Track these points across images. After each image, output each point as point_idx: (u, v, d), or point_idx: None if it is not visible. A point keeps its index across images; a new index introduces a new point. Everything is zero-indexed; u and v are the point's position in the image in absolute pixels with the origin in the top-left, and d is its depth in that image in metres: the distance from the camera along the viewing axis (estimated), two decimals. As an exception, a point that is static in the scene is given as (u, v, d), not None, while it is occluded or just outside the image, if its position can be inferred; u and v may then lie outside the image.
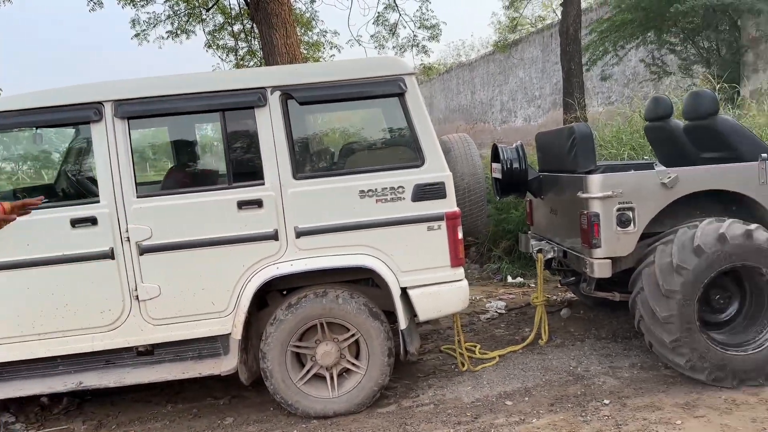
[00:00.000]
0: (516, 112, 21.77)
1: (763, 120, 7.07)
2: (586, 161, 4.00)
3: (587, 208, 3.76)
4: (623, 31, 11.15)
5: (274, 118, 3.49)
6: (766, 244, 3.46)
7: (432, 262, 3.58)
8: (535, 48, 19.91)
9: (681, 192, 3.68)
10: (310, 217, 3.47)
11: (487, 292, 6.15)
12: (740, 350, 3.53)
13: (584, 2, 15.26)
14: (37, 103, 3.43)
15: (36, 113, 3.44)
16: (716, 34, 10.50)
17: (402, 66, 3.61)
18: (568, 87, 9.88)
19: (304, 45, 10.28)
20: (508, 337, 4.76)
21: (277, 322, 3.49)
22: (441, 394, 3.75)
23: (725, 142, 4.01)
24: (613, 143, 6.87)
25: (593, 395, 3.56)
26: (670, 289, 3.45)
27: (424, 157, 3.58)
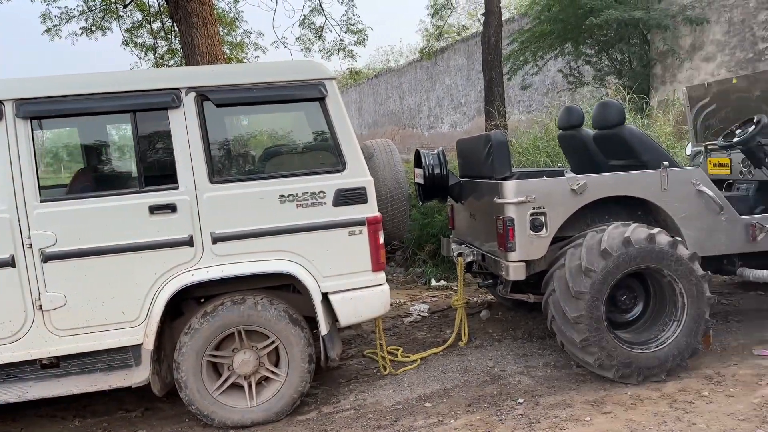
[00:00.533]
0: (443, 118, 22.18)
1: (669, 129, 7.54)
2: (501, 168, 4.12)
3: (503, 213, 3.87)
4: (542, 42, 11.62)
5: (188, 120, 3.39)
6: (667, 247, 3.67)
7: (353, 267, 3.58)
8: (461, 56, 20.37)
9: (589, 198, 3.86)
10: (227, 222, 3.39)
11: (411, 296, 6.22)
12: (644, 348, 3.73)
13: (506, 13, 15.79)
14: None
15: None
16: (628, 47, 11.10)
17: (322, 70, 3.60)
18: (490, 95, 10.16)
19: (227, 45, 10.06)
20: (430, 339, 4.83)
21: (192, 331, 3.38)
22: (362, 399, 3.76)
23: (631, 151, 4.24)
24: (530, 150, 7.12)
25: (509, 394, 3.66)
26: (579, 291, 3.61)
27: (346, 161, 3.58)
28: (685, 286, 3.70)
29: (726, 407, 3.31)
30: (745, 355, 4.04)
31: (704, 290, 3.72)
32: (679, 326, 3.74)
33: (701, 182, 3.93)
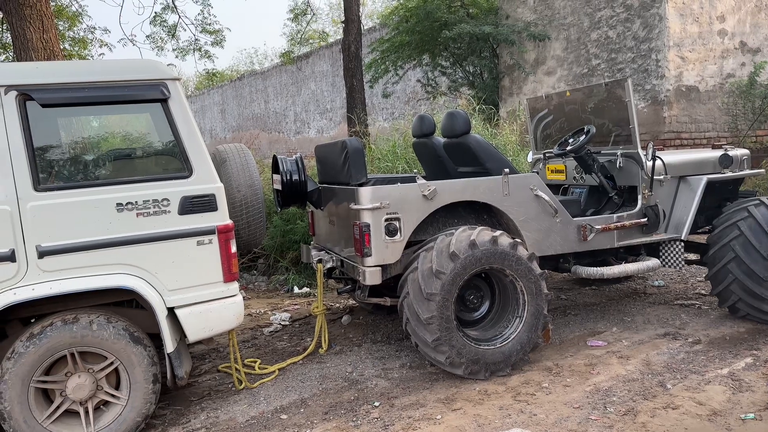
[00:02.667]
0: (309, 123, 22.14)
1: (515, 138, 8.07)
2: (357, 174, 4.16)
3: (359, 218, 3.90)
4: (402, 52, 11.99)
5: (8, 121, 3.05)
6: (508, 249, 3.90)
7: (202, 279, 3.42)
8: (325, 62, 20.47)
9: (440, 203, 4.01)
10: (56, 234, 3.08)
11: (273, 304, 6.09)
12: (491, 344, 3.94)
13: (369, 22, 16.11)
14: None
15: None
16: (479, 60, 11.79)
17: (164, 70, 3.40)
18: (352, 102, 10.29)
19: (68, 41, 9.26)
20: (290, 348, 4.75)
21: (15, 356, 3.03)
22: (214, 417, 3.60)
23: (476, 158, 4.47)
24: (390, 157, 7.29)
25: (365, 399, 3.69)
26: (430, 292, 3.73)
27: (192, 167, 3.41)
28: (525, 285, 3.96)
29: (563, 396, 3.58)
30: (580, 346, 4.40)
31: (542, 288, 4.00)
32: (521, 322, 3.99)
33: (538, 188, 4.23)
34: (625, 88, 4.56)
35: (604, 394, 3.57)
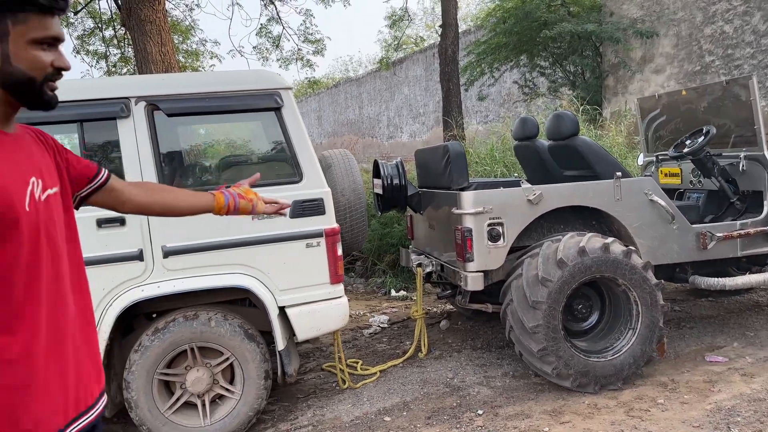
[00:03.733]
0: (402, 128, 22.30)
1: (622, 140, 7.72)
2: (459, 178, 4.13)
3: (461, 223, 3.87)
4: (498, 53, 11.80)
5: (138, 129, 3.28)
6: (621, 257, 3.73)
7: (311, 280, 3.52)
8: (419, 67, 20.55)
9: (545, 208, 3.90)
10: (179, 235, 3.28)
11: (371, 307, 6.17)
12: (601, 356, 3.77)
13: (463, 25, 16.00)
14: None
15: None
16: (581, 59, 11.38)
17: (278, 80, 3.54)
18: (447, 106, 10.24)
19: (182, 54, 9.88)
20: (390, 351, 4.79)
21: (142, 349, 3.26)
22: (320, 415, 3.68)
23: (584, 161, 4.31)
24: (488, 160, 7.19)
25: (468, 406, 3.65)
26: (536, 300, 3.62)
27: (302, 172, 3.52)
28: (639, 295, 3.77)
29: (680, 414, 3.36)
30: (698, 361, 4.13)
31: (658, 298, 3.78)
32: (634, 334, 3.79)
33: (653, 192, 4.01)
34: (750, 86, 4.23)
35: (726, 413, 3.33)
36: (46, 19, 1.27)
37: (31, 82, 1.28)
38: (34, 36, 1.26)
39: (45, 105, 1.33)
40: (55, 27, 1.29)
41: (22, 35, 1.25)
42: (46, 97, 1.32)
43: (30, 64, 1.27)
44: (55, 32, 1.30)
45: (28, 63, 1.27)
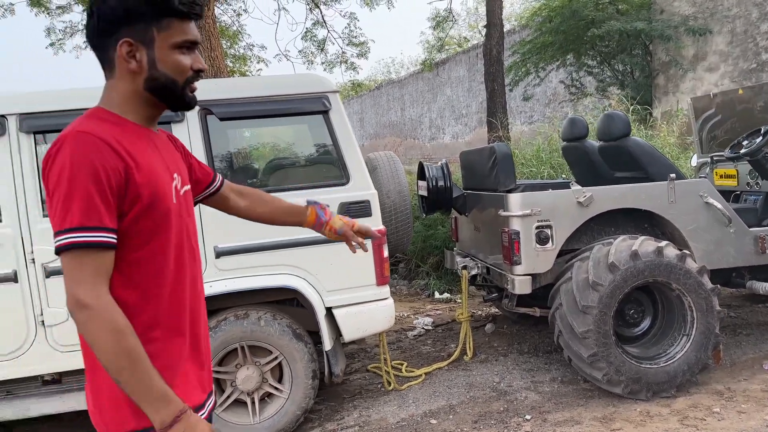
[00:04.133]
0: (444, 129, 22.20)
1: (673, 140, 7.51)
2: (506, 180, 4.08)
3: (508, 226, 3.83)
4: (544, 53, 11.63)
5: (192, 132, 3.37)
6: (675, 261, 3.62)
7: (357, 281, 3.54)
8: (462, 67, 20.43)
9: (596, 210, 3.82)
10: (230, 236, 3.35)
11: (415, 309, 6.17)
12: (653, 363, 3.68)
13: (508, 24, 15.83)
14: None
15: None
16: (630, 58, 11.11)
17: (326, 84, 3.58)
18: (492, 107, 10.15)
19: (229, 58, 10.08)
20: (434, 353, 4.78)
21: (196, 346, 3.34)
22: (366, 416, 3.70)
23: (636, 163, 4.21)
24: (534, 162, 7.09)
25: (515, 411, 3.61)
26: (586, 305, 3.56)
27: (349, 174, 3.55)
28: (694, 300, 3.66)
29: (738, 424, 3.25)
30: (755, 369, 3.98)
31: (714, 304, 3.67)
32: (688, 341, 3.69)
33: (709, 194, 3.89)
34: (813, 83, 4.06)
35: (788, 425, 3.20)
36: (184, 24, 1.35)
37: (174, 85, 1.36)
38: (175, 41, 1.34)
39: (187, 106, 1.41)
40: (193, 31, 1.37)
41: (165, 41, 1.33)
42: (188, 99, 1.40)
43: (173, 68, 1.35)
44: (194, 36, 1.37)
45: (172, 67, 1.35)
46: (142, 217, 1.30)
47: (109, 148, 1.24)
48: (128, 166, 1.27)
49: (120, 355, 1.21)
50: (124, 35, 1.31)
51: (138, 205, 1.29)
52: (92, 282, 1.21)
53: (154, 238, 1.33)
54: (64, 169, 1.21)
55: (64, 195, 1.21)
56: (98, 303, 1.20)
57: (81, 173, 1.21)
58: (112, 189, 1.23)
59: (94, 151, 1.23)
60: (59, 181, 1.21)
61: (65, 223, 1.21)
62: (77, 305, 1.20)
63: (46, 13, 9.11)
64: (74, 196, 1.20)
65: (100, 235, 1.22)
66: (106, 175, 1.22)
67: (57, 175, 1.22)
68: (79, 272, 1.20)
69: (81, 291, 1.20)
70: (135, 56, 1.32)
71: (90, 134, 1.24)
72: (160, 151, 1.41)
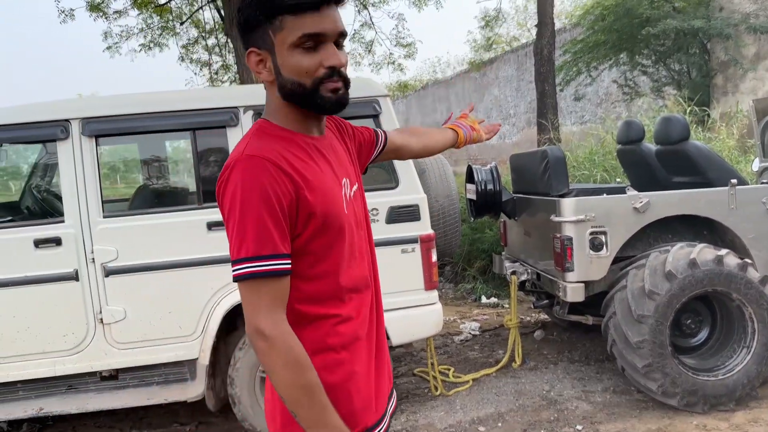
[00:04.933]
0: (491, 130, 21.95)
1: (733, 143, 7.23)
2: (559, 184, 4.01)
3: (560, 231, 3.76)
4: (596, 52, 11.35)
5: (246, 138, 3.43)
6: (735, 270, 3.49)
7: (405, 285, 3.53)
8: (510, 67, 20.16)
9: (653, 216, 3.71)
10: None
11: (462, 313, 6.12)
12: (711, 375, 3.55)
13: (558, 22, 15.54)
14: (3, 120, 3.34)
15: (2, 130, 3.35)
16: (687, 57, 10.74)
17: (377, 88, 3.58)
18: (542, 107, 9.98)
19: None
20: (482, 359, 4.73)
21: (246, 347, 3.40)
22: (414, 420, 3.69)
23: (696, 168, 4.06)
24: (586, 164, 6.94)
25: (566, 420, 3.54)
26: (642, 314, 3.46)
27: (398, 179, 3.55)
28: (755, 311, 3.51)
29: (803, 442, 3.10)
30: (822, 385, 3.79)
31: (777, 316, 3.51)
32: (749, 353, 3.55)
33: (773, 201, 3.73)
34: None
35: None
36: (300, 19, 1.22)
37: (303, 89, 1.25)
38: (291, 40, 1.23)
39: (325, 109, 1.30)
40: (309, 24, 1.22)
41: (282, 42, 1.24)
42: (321, 101, 1.27)
43: (296, 71, 1.24)
44: (316, 28, 1.22)
45: (294, 70, 1.24)
46: (317, 235, 1.28)
47: (278, 170, 1.21)
48: (298, 186, 1.23)
49: (297, 388, 1.21)
50: (251, 44, 1.27)
51: (312, 224, 1.26)
52: (270, 310, 1.21)
53: (329, 253, 1.31)
54: (236, 196, 1.19)
55: (237, 223, 1.20)
56: (277, 333, 1.20)
57: (252, 199, 1.19)
58: (284, 212, 1.21)
59: (264, 175, 1.19)
60: (232, 208, 1.20)
61: (241, 252, 1.20)
62: (257, 334, 1.20)
63: (104, 18, 9.46)
64: (247, 224, 1.19)
65: (275, 263, 1.20)
66: (278, 199, 1.20)
67: (229, 202, 1.20)
68: (257, 301, 1.21)
69: (260, 320, 1.20)
70: (265, 64, 1.27)
71: (258, 157, 1.20)
72: (327, 159, 1.35)
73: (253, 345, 1.21)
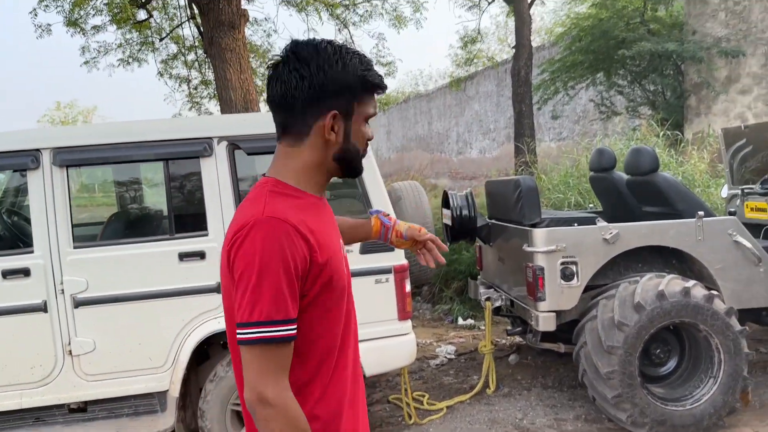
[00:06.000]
0: (471, 144, 22.14)
1: (704, 167, 7.37)
2: (531, 214, 4.06)
3: (532, 261, 3.80)
4: (574, 71, 11.53)
5: (219, 168, 3.42)
6: (702, 301, 3.55)
7: (378, 316, 3.54)
8: (490, 82, 20.38)
9: (622, 247, 3.77)
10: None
11: (438, 335, 6.14)
12: (679, 405, 3.61)
13: (538, 38, 15.77)
14: (-30, 149, 3.30)
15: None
16: (661, 78, 10.94)
17: None
18: (519, 128, 10.09)
19: (260, 77, 10.22)
20: (456, 385, 4.74)
21: (217, 379, 3.38)
22: (386, 450, 3.70)
23: (665, 199, 4.14)
24: (561, 187, 7.02)
25: (537, 451, 3.57)
26: (611, 345, 3.51)
27: (372, 208, 3.56)
28: (721, 342, 3.58)
29: (767, 473, 3.16)
30: (787, 412, 3.87)
31: (742, 346, 3.59)
32: (715, 383, 3.61)
33: (738, 233, 3.81)
34: None
35: (821, 477, 3.10)
36: (372, 100, 1.38)
37: (359, 155, 1.40)
38: (367, 114, 1.38)
39: (359, 173, 1.44)
40: (374, 104, 1.40)
41: (361, 114, 1.37)
42: (361, 168, 1.43)
43: (362, 140, 1.39)
44: (375, 109, 1.41)
45: (361, 138, 1.39)
46: (321, 294, 1.30)
47: (297, 234, 1.24)
48: (312, 248, 1.26)
49: None
50: (333, 106, 1.32)
51: (318, 284, 1.29)
52: (275, 377, 1.21)
53: (328, 314, 1.33)
54: (255, 257, 1.20)
55: (253, 284, 1.20)
56: (282, 401, 1.20)
57: (272, 263, 1.20)
58: (297, 275, 1.23)
59: (284, 238, 1.22)
60: (248, 268, 1.21)
61: (254, 316, 1.20)
62: (260, 401, 1.19)
63: (82, 33, 9.39)
64: (264, 287, 1.20)
65: (286, 329, 1.21)
66: (294, 263, 1.22)
67: (246, 262, 1.21)
68: (265, 367, 1.20)
69: (266, 387, 1.19)
70: (334, 128, 1.33)
71: (278, 219, 1.23)
72: (330, 220, 1.43)
73: (255, 411, 1.21)
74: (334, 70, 1.30)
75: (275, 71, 1.34)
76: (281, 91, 1.32)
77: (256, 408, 1.20)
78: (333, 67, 1.30)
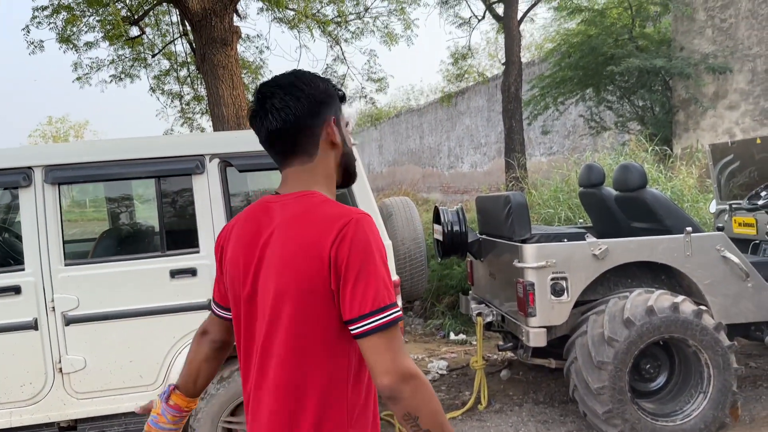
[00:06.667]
0: (463, 158, 22.25)
1: (693, 182, 7.45)
2: (521, 230, 4.09)
3: (523, 277, 3.83)
4: (563, 87, 11.65)
5: (211, 185, 3.44)
6: (691, 317, 3.59)
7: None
8: (481, 97, 20.54)
9: (612, 263, 3.81)
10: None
11: (430, 350, 6.14)
12: (669, 420, 3.63)
13: (528, 53, 15.94)
14: (-41, 167, 3.30)
15: (-42, 177, 3.31)
16: (650, 94, 11.08)
17: None
18: (510, 144, 10.18)
19: (251, 93, 10.27)
20: (448, 401, 4.74)
21: (207, 397, 3.37)
22: (378, 467, 3.68)
23: (653, 215, 4.19)
24: (551, 202, 7.07)
25: (529, 467, 3.57)
26: (602, 361, 3.53)
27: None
28: (710, 357, 3.61)
29: (757, 488, 3.18)
30: (776, 427, 3.89)
31: (731, 362, 3.62)
32: (705, 398, 3.64)
33: (726, 248, 3.86)
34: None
35: (810, 492, 3.11)
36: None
37: (354, 159, 1.51)
38: (346, 120, 1.50)
39: (355, 179, 1.53)
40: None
41: (342, 120, 1.48)
42: (357, 173, 1.55)
43: (350, 144, 1.50)
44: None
45: (350, 143, 1.50)
46: None
47: None
48: None
49: (442, 414, 1.30)
50: (329, 113, 1.42)
51: None
52: (406, 353, 1.29)
53: None
54: (370, 246, 1.29)
55: (374, 272, 1.28)
56: (419, 372, 1.28)
57: (383, 253, 1.32)
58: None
59: (379, 234, 1.35)
60: (367, 258, 1.28)
61: (386, 300, 1.28)
62: (407, 376, 1.25)
63: (74, 50, 9.42)
64: (384, 274, 1.30)
65: (399, 309, 1.32)
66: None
67: (363, 252, 1.28)
68: (398, 346, 1.28)
69: (407, 363, 1.26)
70: (336, 133, 1.44)
71: (371, 217, 1.35)
72: None
73: (401, 390, 1.24)
74: (317, 84, 1.42)
75: (264, 106, 1.39)
76: (282, 116, 1.37)
77: (402, 386, 1.24)
78: (315, 83, 1.42)
